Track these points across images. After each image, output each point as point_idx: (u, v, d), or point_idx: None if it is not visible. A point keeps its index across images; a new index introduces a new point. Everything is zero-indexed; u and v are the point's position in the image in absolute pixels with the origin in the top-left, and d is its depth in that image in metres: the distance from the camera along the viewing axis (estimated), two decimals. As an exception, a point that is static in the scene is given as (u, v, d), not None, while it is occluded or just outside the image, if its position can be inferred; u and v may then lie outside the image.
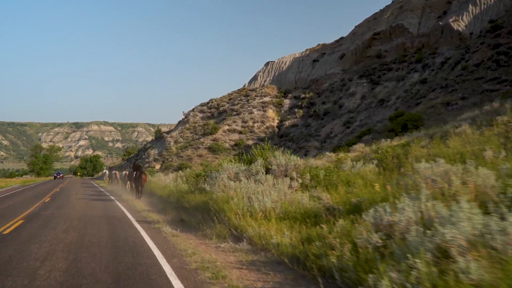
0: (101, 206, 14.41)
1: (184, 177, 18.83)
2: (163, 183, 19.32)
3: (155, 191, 17.24)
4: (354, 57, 59.94)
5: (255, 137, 54.45)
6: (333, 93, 57.04)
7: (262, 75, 71.53)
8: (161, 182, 19.63)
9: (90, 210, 12.83)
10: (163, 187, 17.58)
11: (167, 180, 19.85)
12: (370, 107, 49.47)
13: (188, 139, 58.53)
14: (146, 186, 19.45)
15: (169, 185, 17.34)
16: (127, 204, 15.64)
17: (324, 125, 51.80)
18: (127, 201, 16.78)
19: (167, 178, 20.07)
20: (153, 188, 17.94)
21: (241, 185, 8.99)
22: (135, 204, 15.12)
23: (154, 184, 18.70)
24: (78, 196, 20.43)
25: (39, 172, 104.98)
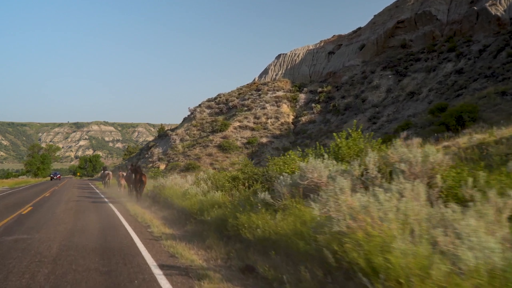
0: (96, 225, 9.71)
1: (210, 181, 14.10)
2: (181, 187, 14.55)
3: (172, 199, 12.46)
4: (375, 47, 55.16)
5: (269, 134, 49.72)
6: (353, 87, 52.26)
7: (273, 69, 66.75)
8: (178, 186, 14.85)
9: (78, 235, 8.12)
10: (183, 194, 12.80)
11: (185, 184, 15.08)
12: (397, 100, 44.70)
13: (195, 137, 53.78)
14: (159, 192, 14.79)
15: (191, 192, 12.59)
16: (135, 220, 10.87)
17: (345, 120, 47.02)
18: (134, 214, 12.01)
19: (185, 182, 15.30)
20: (169, 195, 13.16)
21: (388, 204, 4.19)
22: (147, 220, 10.37)
23: (170, 190, 13.91)
24: (68, 205, 15.68)
25: (36, 172, 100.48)
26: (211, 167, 45.40)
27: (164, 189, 14.79)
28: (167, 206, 12.68)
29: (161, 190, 15.06)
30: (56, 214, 12.42)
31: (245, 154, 47.34)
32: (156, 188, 15.78)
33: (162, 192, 14.55)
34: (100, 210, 13.70)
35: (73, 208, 14.42)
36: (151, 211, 12.72)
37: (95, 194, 24.63)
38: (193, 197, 11.65)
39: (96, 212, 12.92)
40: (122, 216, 11.54)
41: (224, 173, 15.61)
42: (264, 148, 47.53)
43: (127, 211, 12.84)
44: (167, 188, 14.75)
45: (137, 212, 12.07)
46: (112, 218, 11.12)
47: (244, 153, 47.49)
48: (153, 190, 15.88)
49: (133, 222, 10.31)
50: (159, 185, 15.72)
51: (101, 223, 9.99)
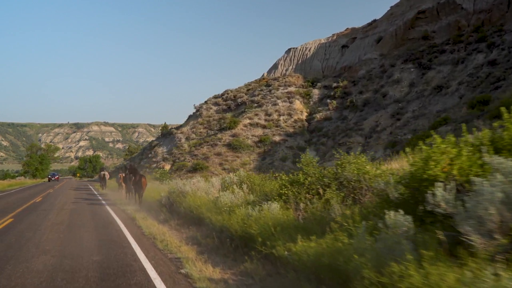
0: (95, 257, 6.23)
1: (246, 185, 10.66)
2: (207, 194, 11.09)
3: (200, 212, 8.99)
4: (394, 40, 51.69)
5: (282, 132, 46.25)
6: (371, 81, 48.79)
7: (283, 64, 63.26)
8: (202, 192, 11.39)
9: (63, 276, 4.63)
10: (214, 204, 9.35)
11: (212, 188, 11.62)
12: (422, 95, 41.21)
13: (202, 135, 50.32)
14: (178, 200, 11.36)
15: (224, 200, 9.17)
16: (153, 245, 7.33)
17: (365, 117, 43.57)
18: (150, 233, 8.46)
19: (211, 186, 11.84)
20: (194, 205, 9.71)
21: None
22: (171, 246, 6.86)
23: (194, 198, 10.44)
24: (59, 217, 12.18)
25: (35, 173, 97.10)
26: (220, 167, 41.96)
27: (185, 197, 11.29)
28: (193, 220, 9.21)
29: (179, 197, 11.56)
30: (39, 233, 8.92)
31: (257, 154, 43.92)
32: (172, 194, 12.28)
33: (182, 200, 11.06)
34: (100, 225, 10.20)
35: (64, 221, 10.92)
36: (171, 227, 9.26)
37: (94, 198, 21.15)
38: (232, 209, 8.19)
39: (95, 229, 9.41)
40: (134, 238, 8.02)
41: (252, 175, 12.15)
42: (277, 147, 44.07)
43: (138, 228, 9.35)
44: (189, 195, 11.24)
45: (154, 231, 8.58)
46: (118, 242, 7.59)
47: (255, 153, 44.06)
48: (168, 197, 12.38)
49: (152, 250, 6.82)
50: (176, 191, 12.21)
51: (103, 254, 6.50)
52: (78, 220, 11.13)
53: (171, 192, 12.74)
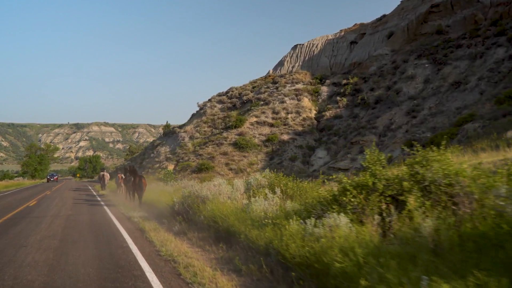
0: (93, 284, 4.29)
1: (280, 189, 8.73)
2: (230, 199, 9.12)
3: (227, 223, 7.03)
4: (406, 35, 49.72)
5: (291, 130, 44.27)
6: (383, 78, 46.81)
7: (289, 60, 61.24)
8: (225, 197, 9.44)
9: None
10: (243, 213, 7.38)
11: (236, 192, 9.65)
12: (439, 91, 39.23)
13: (207, 134, 48.36)
14: (195, 206, 9.38)
15: (256, 208, 7.23)
16: (174, 271, 5.33)
17: (378, 115, 41.58)
18: (167, 252, 6.45)
19: (234, 190, 9.87)
20: (218, 213, 7.76)
21: None
22: (202, 277, 4.88)
23: (216, 205, 8.48)
24: (52, 227, 10.18)
25: (34, 173, 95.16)
26: (226, 167, 40.01)
27: (204, 203, 9.30)
28: (219, 234, 7.23)
29: (197, 203, 9.57)
30: (23, 251, 6.93)
31: (264, 153, 41.95)
32: (187, 199, 10.28)
33: (201, 208, 9.06)
34: (102, 239, 8.20)
35: (57, 233, 8.93)
36: (191, 243, 7.27)
37: (94, 201, 19.15)
38: (276, 222, 6.22)
39: (96, 247, 7.39)
40: (147, 261, 6.00)
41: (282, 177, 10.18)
42: (285, 146, 42.09)
43: (150, 244, 7.35)
44: (209, 201, 9.25)
45: (171, 249, 6.59)
46: (127, 269, 5.58)
47: (263, 152, 42.09)
48: (182, 202, 10.39)
49: (176, 283, 4.80)
50: (192, 195, 10.22)
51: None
52: (74, 231, 9.14)
53: (185, 197, 10.74)
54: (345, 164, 36.68)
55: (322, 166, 38.83)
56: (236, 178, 40.15)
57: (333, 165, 37.33)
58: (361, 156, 39.88)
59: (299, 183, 9.46)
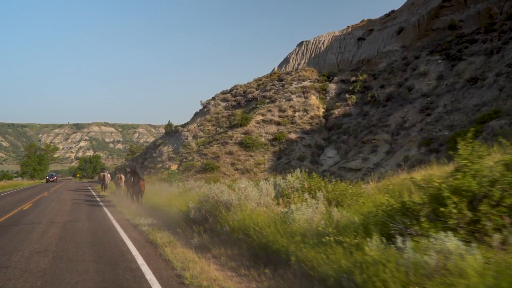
0: None
1: (322, 193, 7.06)
2: (259, 205, 7.51)
3: (271, 238, 5.33)
4: (417, 30, 48.10)
5: (298, 129, 42.66)
6: (394, 74, 45.19)
7: (294, 57, 59.61)
8: (251, 202, 7.82)
9: None
10: (283, 223, 5.70)
11: (267, 198, 8.04)
12: (454, 88, 37.61)
13: (211, 133, 46.76)
14: (215, 213, 7.74)
15: (299, 218, 5.54)
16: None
17: (389, 113, 39.97)
18: (192, 281, 4.84)
19: (262, 194, 8.25)
20: (250, 223, 6.09)
21: None
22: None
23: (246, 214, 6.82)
24: (46, 237, 8.59)
25: (33, 174, 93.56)
26: (232, 167, 38.41)
27: (228, 209, 7.68)
28: (255, 251, 5.63)
29: (218, 210, 7.95)
30: (4, 276, 5.30)
31: (272, 153, 40.34)
32: (204, 204, 8.68)
33: (225, 215, 7.44)
34: (105, 258, 6.56)
35: (50, 247, 7.31)
36: (221, 264, 5.67)
37: (95, 204, 17.54)
38: (336, 240, 4.58)
39: (97, 269, 5.74)
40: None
41: (318, 179, 8.62)
42: (293, 145, 40.47)
43: (168, 265, 5.73)
44: (234, 207, 7.63)
45: (196, 272, 5.04)
46: None
47: (270, 151, 40.48)
48: (199, 208, 8.78)
49: None
50: (210, 199, 8.62)
51: None
52: (71, 245, 7.52)
53: (202, 201, 9.13)
54: (356, 164, 35.09)
55: (332, 166, 37.24)
56: (243, 178, 38.58)
57: (344, 165, 35.73)
58: (374, 155, 38.39)
59: (343, 185, 7.85)
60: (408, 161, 30.03)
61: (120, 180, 23.05)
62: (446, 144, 29.38)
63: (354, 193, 7.29)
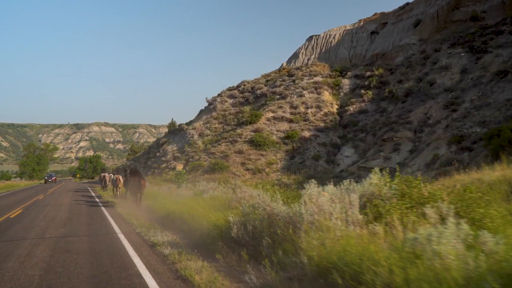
0: None
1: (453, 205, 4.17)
2: (346, 224, 4.75)
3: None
4: (436, 23, 45.58)
5: (312, 127, 40.11)
6: (412, 69, 42.66)
7: (304, 52, 57.06)
8: (328, 218, 5.08)
9: None
10: (415, 259, 2.83)
11: (353, 213, 5.32)
12: (480, 82, 35.09)
13: (218, 131, 44.23)
14: (269, 234, 5.03)
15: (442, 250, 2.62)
16: None
17: (410, 109, 37.45)
18: None
19: (353, 209, 5.55)
20: (337, 257, 3.38)
21: None
22: None
23: (346, 242, 4.10)
24: (29, 262, 6.03)
25: (32, 174, 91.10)
26: (242, 167, 35.88)
27: (297, 230, 5.08)
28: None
29: (281, 229, 5.37)
30: None
31: (284, 152, 37.80)
32: (249, 217, 6.10)
33: (291, 238, 4.85)
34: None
35: (33, 281, 4.73)
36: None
37: (96, 210, 14.99)
38: None
39: None
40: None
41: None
42: (307, 144, 37.93)
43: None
44: (304, 224, 5.02)
45: None
46: None
47: (282, 150, 37.95)
48: (244, 224, 6.21)
49: None
50: (261, 213, 6.05)
51: None
52: (63, 280, 4.97)
53: (246, 214, 6.56)
54: (378, 163, 32.45)
55: (350, 166, 34.70)
56: (254, 179, 36.02)
57: (363, 165, 33.16)
58: (396, 154, 35.84)
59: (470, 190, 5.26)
60: (438, 160, 27.50)
61: (119, 181, 22.17)
62: (480, 141, 26.85)
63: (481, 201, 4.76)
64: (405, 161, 31.50)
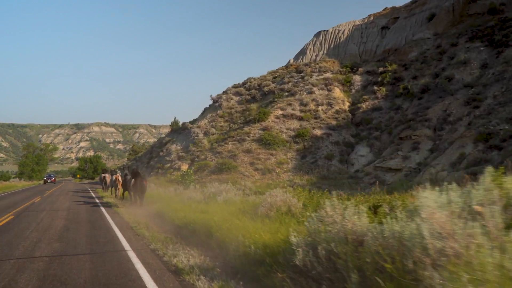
0: None
1: None
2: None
3: None
4: (451, 16, 43.69)
5: (323, 125, 38.20)
6: (427, 64, 40.77)
7: (312, 48, 55.16)
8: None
9: None
10: None
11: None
12: (503, 77, 33.19)
13: (224, 129, 42.33)
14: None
15: None
16: None
17: (427, 106, 35.54)
18: None
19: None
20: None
21: None
22: None
23: None
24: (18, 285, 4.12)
25: (30, 174, 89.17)
26: (251, 167, 33.97)
27: (418, 264, 3.07)
28: None
29: (358, 255, 3.36)
30: None
31: (295, 151, 35.89)
32: (318, 236, 4.10)
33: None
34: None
35: None
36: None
37: (98, 217, 13.09)
38: None
39: None
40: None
41: None
42: (319, 143, 36.02)
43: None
44: (432, 258, 3.00)
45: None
46: None
47: (293, 149, 36.04)
48: (311, 243, 4.25)
49: None
50: (338, 232, 4.06)
51: None
52: None
53: (313, 232, 4.62)
54: (396, 163, 30.61)
55: (366, 166, 32.78)
56: (264, 180, 34.08)
57: (380, 165, 31.26)
58: (416, 153, 33.94)
59: None
60: (464, 159, 25.59)
61: (118, 181, 21.73)
62: (510, 139, 24.98)
63: None
64: (426, 160, 29.58)
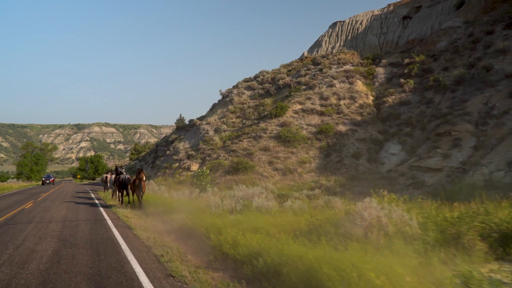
0: None
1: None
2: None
3: None
4: (483, 3, 40.25)
5: (347, 120, 34.74)
6: (459, 54, 37.30)
7: (328, 40, 51.70)
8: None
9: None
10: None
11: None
12: (551, 66, 29.70)
13: (236, 126, 38.89)
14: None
15: None
16: None
17: (463, 99, 32.04)
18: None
19: None
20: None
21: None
22: None
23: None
24: None
25: (29, 175, 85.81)
26: (270, 167, 30.53)
27: None
28: None
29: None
30: None
31: (317, 149, 32.43)
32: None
33: None
34: None
35: None
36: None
37: (102, 231, 9.61)
38: None
39: None
40: None
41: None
42: (344, 140, 32.55)
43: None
44: None
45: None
46: None
47: (315, 147, 32.59)
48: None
49: None
50: None
51: None
52: None
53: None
54: (435, 162, 27.09)
55: (399, 165, 29.30)
56: (285, 181, 30.58)
57: (417, 164, 27.74)
58: (457, 151, 30.54)
59: None
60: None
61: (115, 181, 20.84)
62: None
63: None
64: (471, 159, 26.05)
